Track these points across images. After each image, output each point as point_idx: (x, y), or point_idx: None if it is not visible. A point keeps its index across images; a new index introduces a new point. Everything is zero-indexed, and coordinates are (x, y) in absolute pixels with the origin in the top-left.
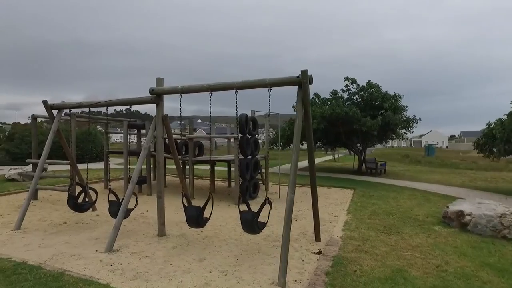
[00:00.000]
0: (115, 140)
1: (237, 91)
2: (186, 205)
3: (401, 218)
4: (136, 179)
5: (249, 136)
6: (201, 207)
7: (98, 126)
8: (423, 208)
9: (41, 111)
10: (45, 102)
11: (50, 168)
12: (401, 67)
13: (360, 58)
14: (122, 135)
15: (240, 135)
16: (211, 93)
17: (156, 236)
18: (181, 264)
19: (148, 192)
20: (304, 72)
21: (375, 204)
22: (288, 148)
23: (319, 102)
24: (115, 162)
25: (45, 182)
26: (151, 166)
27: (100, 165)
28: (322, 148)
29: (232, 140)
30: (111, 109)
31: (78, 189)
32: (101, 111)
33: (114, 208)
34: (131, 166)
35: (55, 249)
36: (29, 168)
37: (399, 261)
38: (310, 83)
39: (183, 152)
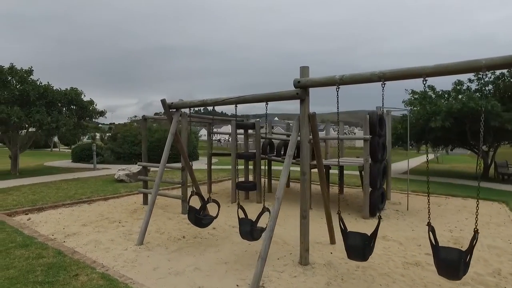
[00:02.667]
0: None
1: (384, 84)
2: (344, 229)
3: None
4: (282, 195)
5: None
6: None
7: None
8: None
9: (132, 112)
10: (163, 101)
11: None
12: (498, 52)
13: (446, 47)
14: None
15: (370, 136)
16: (384, 84)
17: (298, 265)
18: None
19: (257, 200)
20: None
21: None
22: (396, 147)
23: (434, 96)
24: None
25: (150, 185)
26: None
27: (194, 165)
28: (411, 147)
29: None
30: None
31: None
32: (199, 109)
33: (246, 228)
34: (239, 167)
35: (187, 278)
36: (134, 168)
37: None
38: None
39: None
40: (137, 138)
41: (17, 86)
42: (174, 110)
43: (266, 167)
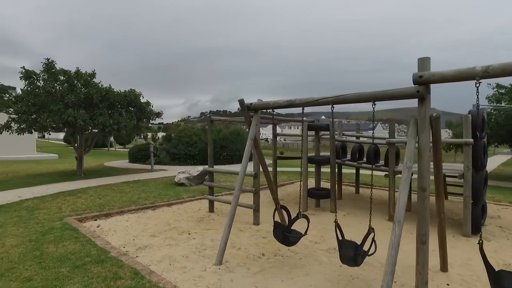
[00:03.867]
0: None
1: None
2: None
3: None
4: (403, 217)
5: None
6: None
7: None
8: None
9: (180, 112)
10: (241, 102)
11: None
12: None
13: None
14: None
15: (472, 139)
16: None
17: None
18: None
19: (331, 209)
20: None
21: None
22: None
23: None
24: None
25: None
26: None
27: (249, 168)
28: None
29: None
30: (234, 107)
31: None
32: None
33: (348, 252)
34: (308, 170)
35: None
36: (194, 171)
37: None
38: None
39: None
40: (192, 139)
41: (82, 89)
42: (253, 111)
43: (337, 171)
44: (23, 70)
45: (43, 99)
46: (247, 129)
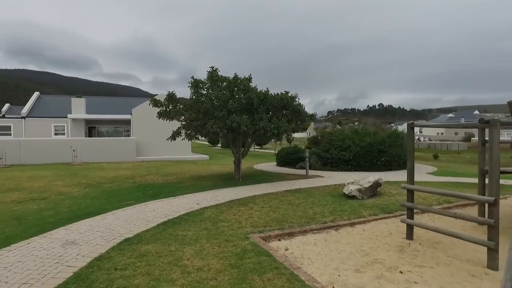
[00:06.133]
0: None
1: None
2: None
3: None
4: None
5: None
6: None
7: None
8: None
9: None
10: (510, 103)
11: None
12: None
13: None
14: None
15: None
16: None
17: None
18: None
19: None
20: None
21: None
22: None
23: None
24: (421, 171)
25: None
26: None
27: (405, 175)
28: None
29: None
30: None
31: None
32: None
33: None
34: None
35: None
36: (365, 182)
37: None
38: None
39: None
40: (345, 142)
41: (241, 95)
42: None
43: None
44: (192, 80)
45: (208, 106)
46: None
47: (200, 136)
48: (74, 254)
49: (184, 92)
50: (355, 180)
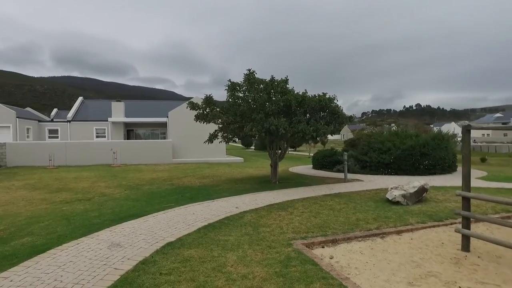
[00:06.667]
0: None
1: None
2: None
3: None
4: None
5: None
6: None
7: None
8: None
9: None
10: None
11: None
12: None
13: None
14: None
15: None
16: None
17: None
18: None
19: None
20: None
21: None
22: None
23: None
24: None
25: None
26: None
27: (451, 180)
28: None
29: None
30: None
31: None
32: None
33: None
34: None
35: None
36: (409, 187)
37: None
38: None
39: None
40: (384, 145)
41: (279, 97)
42: None
43: None
44: (229, 83)
45: (244, 109)
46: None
47: (236, 139)
48: (120, 257)
49: (217, 94)
50: (398, 185)
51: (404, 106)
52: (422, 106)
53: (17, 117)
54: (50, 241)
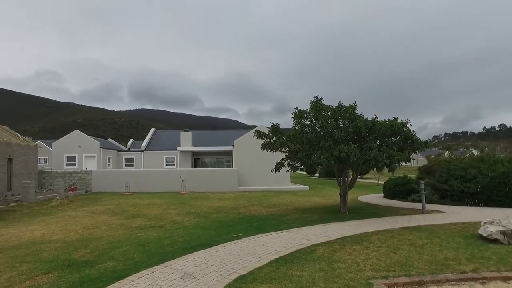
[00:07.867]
0: None
1: None
2: None
3: None
4: None
5: None
6: None
7: None
8: None
9: None
10: None
11: None
12: None
13: None
14: None
15: None
16: None
17: None
18: None
19: None
20: None
21: None
22: None
23: None
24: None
25: None
26: None
27: None
28: None
29: None
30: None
31: None
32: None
33: None
34: None
35: None
36: (508, 222)
37: None
38: None
39: None
40: (468, 172)
41: (347, 123)
42: None
43: None
44: (296, 111)
45: (312, 136)
46: None
47: (303, 167)
48: None
49: (279, 121)
50: (493, 219)
51: (484, 127)
52: (508, 126)
53: (100, 147)
54: (128, 267)
